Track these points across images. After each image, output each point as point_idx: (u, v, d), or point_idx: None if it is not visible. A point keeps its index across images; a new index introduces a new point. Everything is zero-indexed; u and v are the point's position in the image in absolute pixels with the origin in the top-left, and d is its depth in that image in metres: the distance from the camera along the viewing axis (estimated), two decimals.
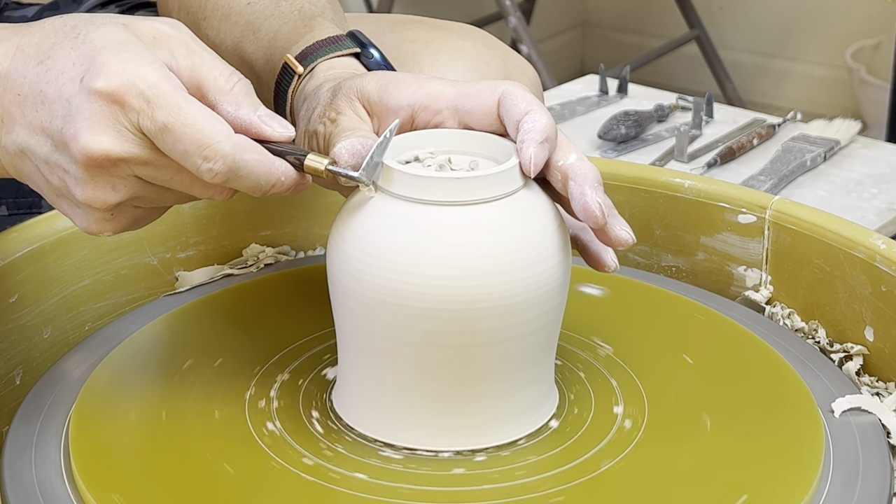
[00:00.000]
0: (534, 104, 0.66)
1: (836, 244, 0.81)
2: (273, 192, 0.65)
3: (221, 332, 0.79)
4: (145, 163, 0.63)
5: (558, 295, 0.67)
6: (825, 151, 1.54)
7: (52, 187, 0.66)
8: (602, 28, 3.18)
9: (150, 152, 0.63)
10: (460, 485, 0.65)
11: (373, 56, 0.80)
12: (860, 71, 2.51)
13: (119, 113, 0.62)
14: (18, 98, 0.64)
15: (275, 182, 0.65)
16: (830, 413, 0.72)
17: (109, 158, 0.62)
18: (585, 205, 0.65)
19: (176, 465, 0.66)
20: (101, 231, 0.66)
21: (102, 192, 0.64)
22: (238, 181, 0.64)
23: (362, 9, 2.72)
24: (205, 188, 0.65)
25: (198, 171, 0.63)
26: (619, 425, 0.69)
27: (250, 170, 0.64)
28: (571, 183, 0.66)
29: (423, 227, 0.64)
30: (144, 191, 0.65)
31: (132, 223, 0.67)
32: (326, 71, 0.77)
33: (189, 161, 0.63)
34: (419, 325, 0.64)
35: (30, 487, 0.66)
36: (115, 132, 0.62)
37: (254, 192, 0.65)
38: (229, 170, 0.63)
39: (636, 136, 1.61)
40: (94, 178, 0.63)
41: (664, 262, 0.92)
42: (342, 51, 0.79)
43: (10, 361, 0.79)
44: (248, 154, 0.63)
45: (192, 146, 0.62)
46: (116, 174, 0.64)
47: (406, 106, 0.69)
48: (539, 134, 0.65)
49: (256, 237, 0.93)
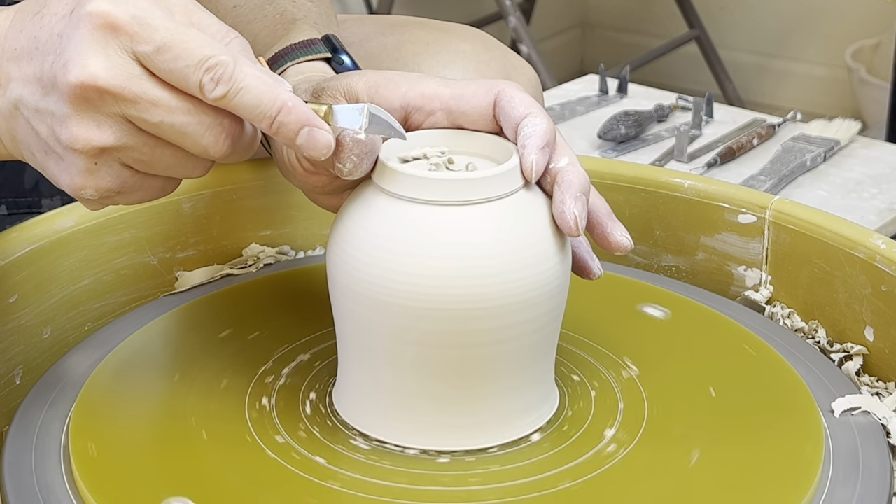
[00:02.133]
0: (532, 106, 0.66)
1: (836, 244, 0.81)
2: (280, 123, 0.62)
3: (221, 332, 0.79)
4: (135, 99, 0.61)
5: (558, 295, 0.67)
6: (825, 151, 1.54)
7: (40, 142, 0.63)
8: (602, 28, 3.18)
9: (138, 82, 0.61)
10: (440, 485, 0.65)
11: (343, 62, 0.79)
12: (860, 71, 2.51)
13: (111, 37, 0.60)
14: (15, 53, 0.63)
15: (280, 105, 0.61)
16: (830, 413, 0.72)
17: (96, 87, 0.60)
18: (561, 214, 0.65)
19: (176, 465, 0.66)
20: (83, 188, 0.63)
21: (86, 129, 0.61)
22: (240, 98, 0.61)
23: (362, 9, 2.72)
24: (197, 137, 0.62)
25: (200, 87, 0.60)
26: (619, 426, 0.69)
27: (252, 85, 0.61)
28: (556, 188, 0.66)
29: (422, 227, 0.64)
30: (132, 139, 0.62)
31: (117, 186, 0.64)
32: (296, 75, 0.77)
33: (190, 77, 0.60)
34: (418, 325, 0.64)
35: (30, 487, 0.66)
36: (103, 56, 0.60)
37: (258, 117, 0.62)
38: (231, 79, 0.60)
39: (636, 136, 1.61)
40: (79, 112, 0.61)
41: (664, 262, 0.92)
42: (313, 55, 0.78)
43: (10, 361, 0.79)
44: (247, 68, 0.61)
45: (193, 59, 0.60)
46: (102, 110, 0.61)
47: (398, 107, 0.68)
48: (540, 139, 0.65)
49: (256, 237, 0.93)
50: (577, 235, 0.65)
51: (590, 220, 0.69)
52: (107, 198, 0.65)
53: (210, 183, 0.91)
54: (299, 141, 0.63)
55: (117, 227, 0.86)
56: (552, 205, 0.66)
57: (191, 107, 0.62)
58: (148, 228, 0.88)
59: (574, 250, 0.69)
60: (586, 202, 0.66)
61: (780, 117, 1.66)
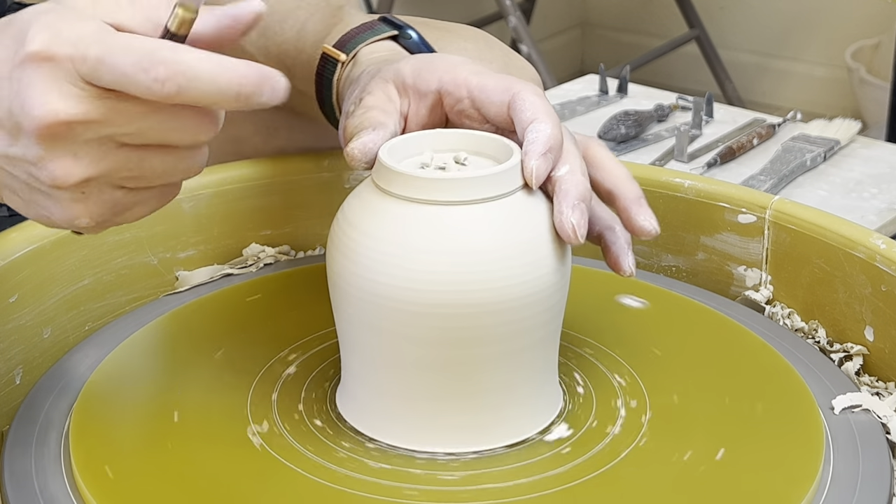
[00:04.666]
0: (540, 111, 0.66)
1: (836, 244, 0.81)
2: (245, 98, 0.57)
3: (221, 332, 0.79)
4: (103, 118, 0.58)
5: (558, 294, 0.67)
6: (825, 151, 1.54)
7: (23, 186, 0.62)
8: (602, 28, 3.18)
9: (99, 104, 0.58)
10: (440, 485, 0.65)
11: (411, 37, 0.81)
12: (860, 71, 2.51)
13: (55, 69, 0.58)
14: None
15: (239, 81, 0.57)
16: (830, 410, 0.72)
17: (59, 121, 0.57)
18: (560, 223, 0.65)
19: (176, 465, 0.66)
20: (77, 217, 0.61)
21: (63, 165, 0.59)
22: (195, 89, 0.57)
23: (362, 9, 2.72)
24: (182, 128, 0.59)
25: (148, 90, 0.56)
26: (620, 426, 0.69)
27: (200, 70, 0.56)
28: (554, 197, 0.66)
29: (422, 227, 0.64)
30: (114, 160, 0.60)
31: (112, 209, 0.62)
32: (369, 55, 0.78)
33: (134, 82, 0.57)
34: (418, 325, 0.64)
35: (30, 487, 0.65)
36: (56, 91, 0.57)
37: (225, 101, 0.57)
38: (176, 73, 0.56)
39: (636, 135, 1.61)
40: (52, 149, 0.58)
41: (664, 262, 0.92)
42: (381, 35, 0.80)
43: (10, 361, 0.79)
44: (188, 54, 0.57)
45: (129, 65, 0.56)
46: (74, 139, 0.58)
47: (434, 90, 0.70)
48: (542, 146, 0.65)
49: (256, 237, 0.93)
50: (577, 243, 0.66)
51: (618, 205, 0.70)
52: (105, 222, 0.63)
53: (210, 183, 0.91)
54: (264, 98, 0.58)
55: (117, 227, 0.86)
56: (553, 212, 0.66)
57: (158, 106, 0.59)
58: (148, 228, 0.88)
59: (609, 244, 0.70)
60: (585, 209, 0.66)
61: (780, 117, 1.66)
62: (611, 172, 0.71)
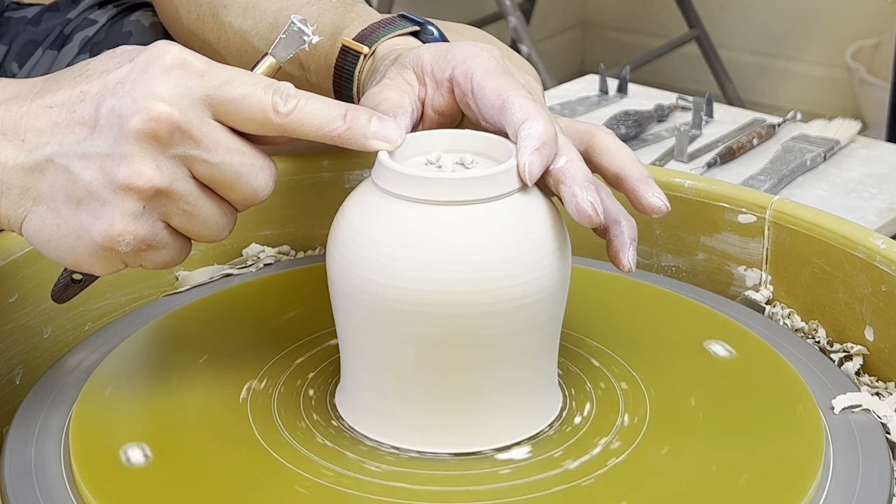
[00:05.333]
0: (531, 111, 0.66)
1: (836, 244, 0.81)
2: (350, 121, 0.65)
3: (221, 332, 0.79)
4: (201, 137, 0.63)
5: (558, 294, 0.67)
6: (825, 151, 1.54)
7: (77, 190, 0.64)
8: (602, 28, 3.18)
9: (203, 123, 0.63)
10: (441, 485, 0.65)
11: (432, 33, 0.81)
12: (860, 71, 2.51)
13: (182, 77, 0.63)
14: (50, 110, 0.64)
15: (346, 107, 0.65)
16: (830, 410, 0.72)
17: (170, 121, 0.62)
18: (578, 206, 0.64)
19: (176, 465, 0.66)
20: (123, 232, 0.63)
21: (148, 167, 0.62)
22: (309, 108, 0.64)
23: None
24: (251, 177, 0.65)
25: (273, 105, 0.63)
26: (621, 426, 0.69)
27: (316, 100, 0.64)
28: (563, 186, 0.66)
29: (422, 227, 0.64)
30: (183, 185, 0.64)
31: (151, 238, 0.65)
32: (390, 48, 0.79)
33: (262, 98, 0.63)
34: (418, 325, 0.64)
35: (30, 487, 0.66)
36: (175, 94, 0.62)
37: (329, 122, 0.65)
38: (297, 94, 0.64)
39: (636, 136, 1.61)
40: (143, 150, 0.62)
41: (664, 262, 0.92)
42: (402, 30, 0.80)
43: (10, 361, 0.79)
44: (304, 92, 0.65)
45: (260, 86, 0.64)
46: (166, 150, 0.63)
47: (447, 79, 0.70)
48: (534, 141, 0.65)
49: (256, 237, 0.93)
50: (599, 223, 0.65)
51: (626, 186, 0.69)
52: (138, 252, 0.65)
53: None
54: (372, 129, 0.65)
55: None
56: (565, 203, 0.65)
57: (246, 148, 0.65)
58: None
59: (612, 238, 0.69)
60: (597, 189, 0.65)
61: (780, 117, 1.66)
62: (616, 156, 0.70)
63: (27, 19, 1.11)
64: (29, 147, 0.64)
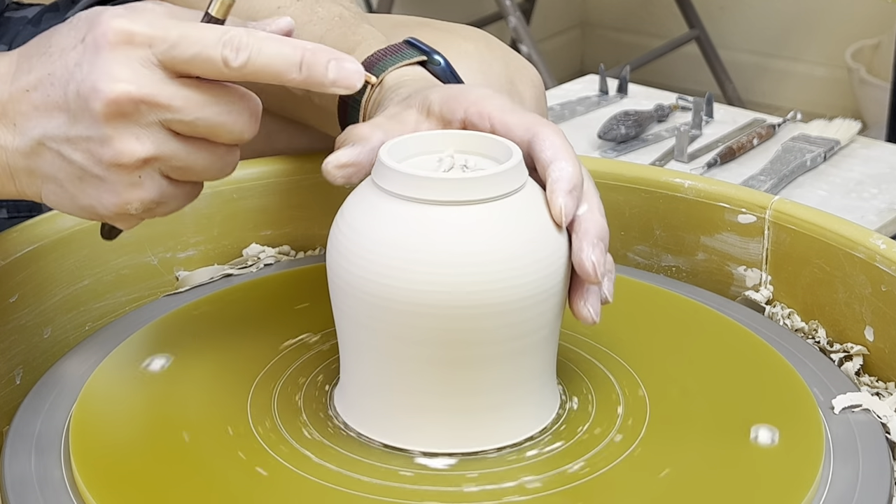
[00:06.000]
0: (561, 150, 0.67)
1: (836, 244, 0.81)
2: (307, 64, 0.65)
3: (221, 333, 0.79)
4: (167, 103, 0.64)
5: (558, 294, 0.67)
6: (825, 151, 1.54)
7: (73, 170, 0.66)
8: (602, 28, 3.18)
9: (166, 87, 0.64)
10: (441, 485, 0.65)
11: (439, 63, 0.81)
12: (860, 71, 2.51)
13: (130, 50, 0.64)
14: (28, 93, 0.66)
15: (301, 50, 0.65)
16: (830, 410, 0.72)
17: (130, 98, 0.63)
18: (580, 261, 0.66)
19: (176, 465, 0.66)
20: (129, 202, 0.66)
21: (128, 143, 0.64)
22: (263, 56, 0.64)
23: (362, 8, 2.72)
24: (230, 123, 0.66)
25: (224, 60, 0.63)
26: (620, 426, 0.69)
27: (268, 43, 0.64)
28: (574, 235, 0.67)
29: (422, 227, 0.64)
30: (169, 146, 0.65)
31: (158, 197, 0.67)
32: (399, 79, 0.79)
33: (212, 55, 0.63)
34: (418, 325, 0.64)
35: (30, 487, 0.66)
36: (129, 69, 0.63)
37: (286, 69, 0.65)
38: (248, 44, 0.64)
39: (636, 136, 1.61)
40: (117, 129, 0.64)
41: (664, 262, 0.92)
42: (409, 59, 0.80)
43: (10, 361, 0.79)
44: (257, 32, 0.65)
45: (209, 40, 0.63)
46: (139, 121, 0.64)
47: (460, 119, 0.71)
48: (567, 183, 0.66)
49: (256, 237, 0.93)
50: (596, 282, 0.66)
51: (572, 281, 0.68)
52: (149, 210, 0.68)
53: (210, 183, 0.90)
54: (330, 76, 0.66)
55: None
56: (572, 250, 0.66)
57: (217, 97, 0.65)
58: (148, 228, 0.88)
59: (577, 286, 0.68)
60: (604, 248, 0.67)
61: (780, 117, 1.66)
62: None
63: (27, 19, 1.11)
64: (20, 131, 0.66)
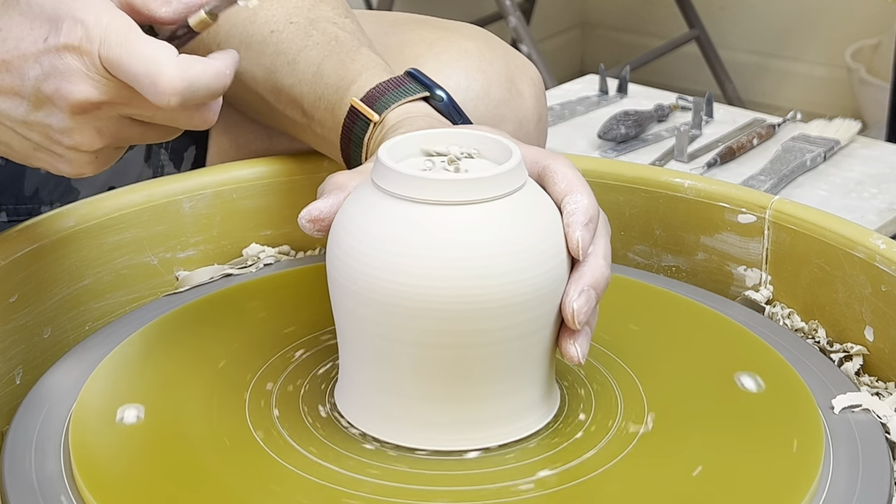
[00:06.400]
0: (574, 182, 0.68)
1: (836, 244, 0.81)
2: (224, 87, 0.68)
3: (221, 332, 0.79)
4: (126, 102, 0.67)
5: (558, 294, 0.67)
6: (825, 151, 1.54)
7: (29, 144, 0.70)
8: (602, 28, 3.18)
9: (122, 90, 0.67)
10: (441, 485, 0.65)
11: (442, 98, 0.82)
12: (860, 71, 2.51)
13: (85, 61, 0.66)
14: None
15: (225, 80, 0.67)
16: (830, 410, 0.72)
17: (92, 103, 0.67)
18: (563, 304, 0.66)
19: (176, 465, 0.66)
20: (82, 173, 0.71)
21: (89, 136, 0.69)
22: (196, 96, 0.66)
23: (361, 6, 2.72)
24: (185, 120, 0.69)
25: (154, 100, 0.66)
26: (620, 427, 0.69)
27: (201, 83, 0.66)
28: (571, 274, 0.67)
29: (422, 227, 0.64)
30: (129, 130, 0.70)
31: (112, 157, 0.71)
32: (400, 117, 0.79)
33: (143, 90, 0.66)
34: (418, 325, 0.64)
35: (30, 487, 0.66)
36: (88, 79, 0.67)
37: (212, 96, 0.68)
38: (181, 91, 0.65)
39: (636, 135, 1.61)
40: (81, 124, 0.68)
41: (664, 262, 0.92)
42: (412, 95, 0.80)
43: (10, 361, 0.79)
44: (194, 68, 0.66)
45: (142, 75, 0.65)
46: (101, 117, 0.68)
47: None
48: (583, 216, 0.67)
49: (256, 237, 0.93)
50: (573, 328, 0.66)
51: None
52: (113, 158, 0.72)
53: (210, 183, 0.91)
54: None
55: (117, 227, 0.86)
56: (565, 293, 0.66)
57: None
58: (148, 228, 0.88)
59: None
60: (594, 298, 0.67)
61: (780, 117, 1.66)
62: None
63: None
64: None
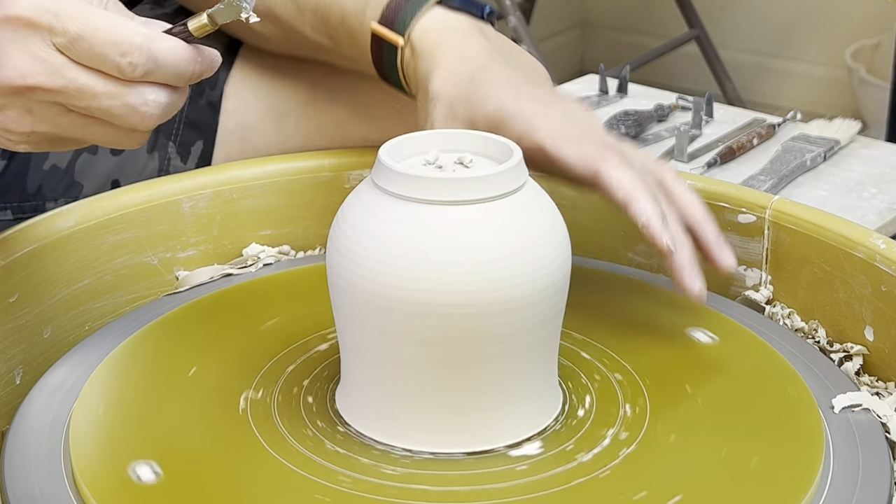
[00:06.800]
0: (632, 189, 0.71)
1: (836, 244, 0.81)
2: (196, 78, 0.66)
3: (221, 332, 0.79)
4: (61, 89, 0.64)
5: (558, 294, 0.67)
6: (825, 151, 1.54)
7: None
8: (602, 28, 3.18)
9: (61, 76, 0.64)
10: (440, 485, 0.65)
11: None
12: (860, 71, 2.51)
13: (31, 35, 0.64)
14: None
15: (195, 67, 0.66)
16: (830, 409, 0.72)
17: (25, 85, 0.64)
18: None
19: (176, 465, 0.66)
20: (17, 149, 0.68)
21: (18, 114, 0.66)
22: (160, 71, 0.65)
23: None
24: (124, 117, 0.66)
25: (119, 70, 0.64)
26: (621, 427, 0.69)
27: (168, 56, 0.65)
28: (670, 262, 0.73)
29: (422, 227, 0.64)
30: (63, 120, 0.66)
31: (51, 143, 0.69)
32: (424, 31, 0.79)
33: (108, 62, 0.64)
34: (418, 324, 0.64)
35: (30, 488, 0.65)
36: (27, 55, 0.64)
37: (179, 79, 0.66)
38: (147, 59, 0.64)
39: (636, 135, 1.60)
40: (11, 101, 0.65)
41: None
42: (426, 3, 0.80)
43: (10, 361, 0.79)
44: (161, 42, 0.65)
45: (107, 46, 0.64)
46: (33, 99, 0.65)
47: None
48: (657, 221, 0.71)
49: (256, 237, 0.93)
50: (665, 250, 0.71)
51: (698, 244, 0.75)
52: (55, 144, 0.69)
53: (210, 183, 0.91)
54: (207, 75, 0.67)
55: (117, 227, 0.86)
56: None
57: (115, 90, 0.65)
58: (148, 228, 0.88)
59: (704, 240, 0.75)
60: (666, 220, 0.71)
61: (780, 117, 1.65)
62: (687, 209, 0.75)
63: None
64: None
